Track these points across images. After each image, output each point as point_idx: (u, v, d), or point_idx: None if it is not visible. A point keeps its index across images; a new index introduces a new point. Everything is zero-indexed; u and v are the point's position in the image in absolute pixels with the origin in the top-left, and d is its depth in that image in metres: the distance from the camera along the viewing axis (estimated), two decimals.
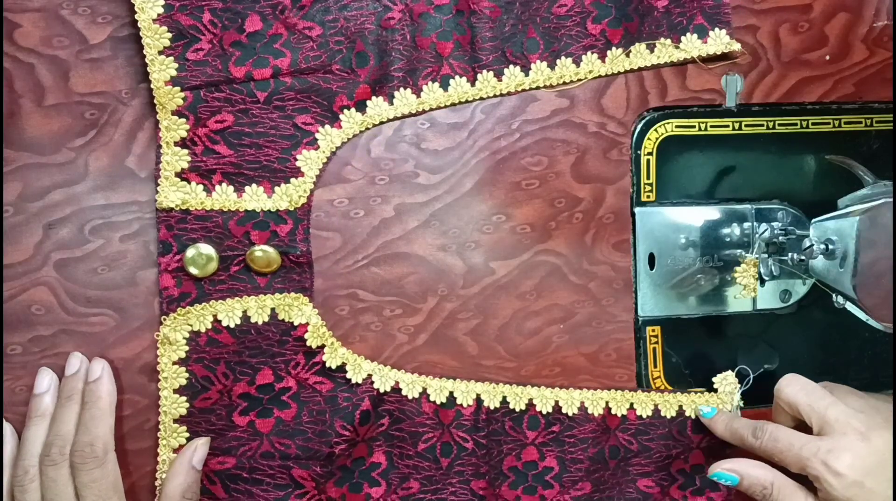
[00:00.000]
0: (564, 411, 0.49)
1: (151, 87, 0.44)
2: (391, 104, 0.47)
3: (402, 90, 0.47)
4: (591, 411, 0.50)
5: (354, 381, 0.47)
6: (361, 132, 0.47)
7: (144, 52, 0.43)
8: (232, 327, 0.45)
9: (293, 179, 0.46)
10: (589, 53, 0.49)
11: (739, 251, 0.52)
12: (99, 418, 0.43)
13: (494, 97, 0.48)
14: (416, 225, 0.48)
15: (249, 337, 0.46)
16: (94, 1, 0.44)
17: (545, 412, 0.49)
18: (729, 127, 0.51)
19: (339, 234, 0.47)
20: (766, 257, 0.51)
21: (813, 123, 0.52)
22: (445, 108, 0.48)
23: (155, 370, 0.45)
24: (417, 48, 0.47)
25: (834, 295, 0.49)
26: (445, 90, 0.47)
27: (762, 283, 0.52)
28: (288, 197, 0.46)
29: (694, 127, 0.51)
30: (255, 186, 0.46)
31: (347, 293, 0.48)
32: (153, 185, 0.45)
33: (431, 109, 0.48)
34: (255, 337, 0.46)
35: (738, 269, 0.52)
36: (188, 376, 0.45)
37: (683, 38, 0.50)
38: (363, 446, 0.48)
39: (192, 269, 0.45)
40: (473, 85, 0.48)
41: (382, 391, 0.47)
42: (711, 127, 0.51)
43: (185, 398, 0.45)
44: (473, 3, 0.47)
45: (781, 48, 0.51)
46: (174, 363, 0.45)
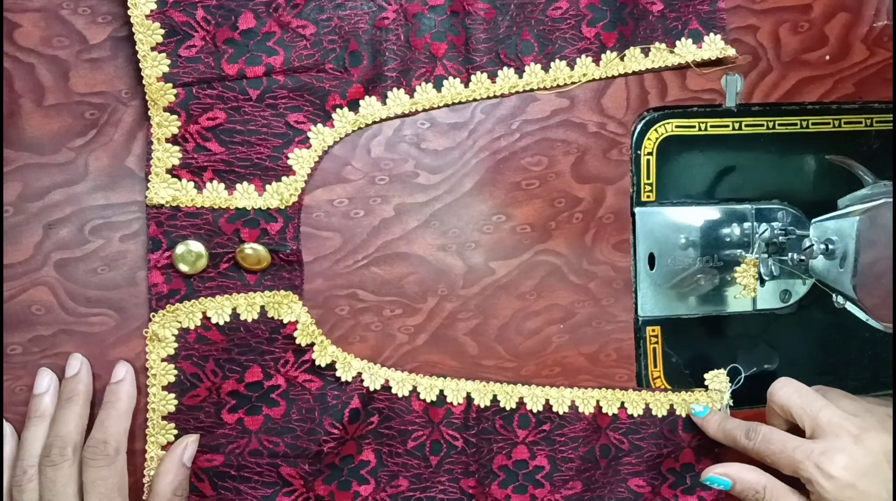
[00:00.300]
0: (555, 409, 0.49)
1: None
2: (384, 104, 0.47)
3: (395, 90, 0.47)
4: (581, 410, 0.50)
5: (344, 379, 0.47)
6: (357, 131, 0.47)
7: (136, 48, 0.43)
8: (221, 324, 0.45)
9: (284, 178, 0.46)
10: (583, 56, 0.49)
11: (739, 251, 0.52)
12: (115, 418, 0.43)
13: (489, 98, 0.48)
14: (416, 225, 0.48)
15: (239, 335, 0.46)
16: (94, 1, 0.44)
17: (536, 411, 0.49)
18: (729, 127, 0.51)
19: (339, 234, 0.47)
20: (766, 257, 0.51)
21: (813, 123, 0.52)
22: (442, 108, 0.48)
23: None
24: (411, 48, 0.47)
25: (834, 295, 0.49)
26: (439, 91, 0.47)
27: (762, 283, 0.52)
28: (279, 195, 0.46)
29: (694, 127, 0.51)
30: (246, 184, 0.45)
31: (347, 293, 0.48)
32: None
33: (424, 110, 0.47)
34: (244, 335, 0.46)
35: (738, 269, 0.52)
36: (177, 373, 0.45)
37: (678, 42, 0.50)
38: (352, 444, 0.47)
39: (181, 266, 0.45)
40: (467, 86, 0.48)
41: (372, 390, 0.47)
42: (711, 127, 0.51)
43: (173, 396, 0.45)
44: (468, 4, 0.47)
45: (781, 48, 0.51)
46: (163, 360, 0.45)
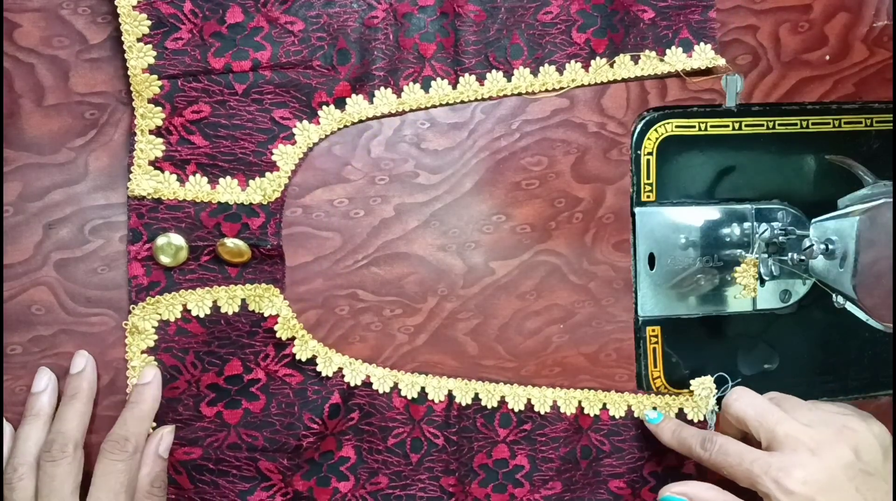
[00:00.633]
0: (537, 409, 0.49)
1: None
2: (371, 103, 0.47)
3: (382, 89, 0.47)
4: (563, 410, 0.50)
5: (324, 374, 0.47)
6: (349, 129, 0.47)
7: (122, 38, 0.43)
8: (202, 317, 0.45)
9: (268, 174, 0.46)
10: (573, 62, 0.49)
11: (739, 251, 0.52)
12: (139, 418, 0.43)
13: (477, 101, 0.48)
14: (416, 225, 0.48)
15: (219, 327, 0.46)
16: (94, 1, 0.44)
17: (517, 410, 0.49)
18: (729, 127, 0.51)
19: (339, 234, 0.47)
20: (766, 257, 0.51)
21: (813, 123, 0.52)
22: (442, 108, 0.48)
23: None
24: (400, 48, 0.47)
25: (834, 295, 0.49)
26: (427, 92, 0.47)
27: (762, 283, 0.52)
28: (262, 191, 0.46)
29: (694, 127, 0.51)
30: (229, 179, 0.45)
31: (347, 293, 0.47)
32: None
33: (412, 110, 0.47)
34: (224, 328, 0.46)
35: (738, 269, 0.52)
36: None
37: (668, 51, 0.50)
38: (332, 439, 0.47)
39: (162, 258, 0.45)
40: (455, 88, 0.48)
41: (353, 385, 0.47)
42: (711, 127, 0.51)
43: None
44: (458, 6, 0.47)
45: (781, 48, 0.51)
46: (142, 352, 0.45)
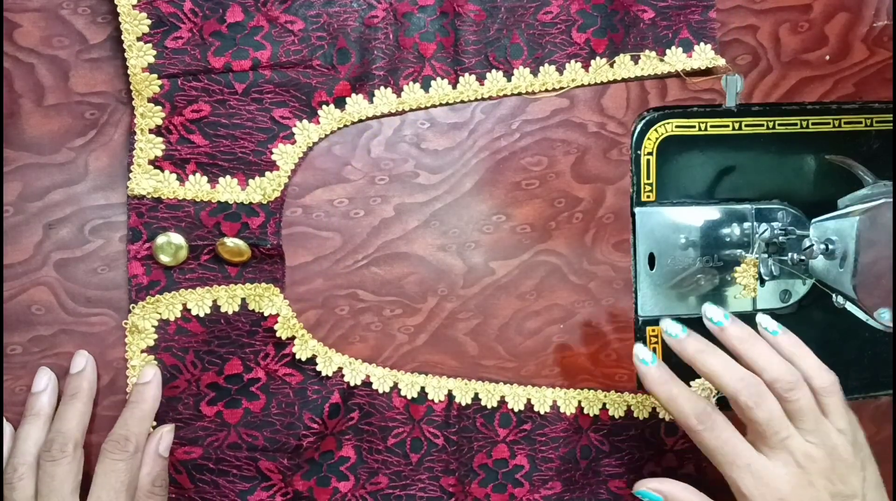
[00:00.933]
0: (536, 409, 0.49)
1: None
2: (371, 103, 0.47)
3: (382, 89, 0.47)
4: (563, 410, 0.50)
5: (324, 374, 0.47)
6: (349, 129, 0.47)
7: (122, 37, 0.43)
8: (201, 316, 0.45)
9: (268, 173, 0.46)
10: (573, 62, 0.49)
11: (739, 251, 0.52)
12: (139, 417, 0.43)
13: (477, 101, 0.48)
14: (416, 225, 0.48)
15: (219, 327, 0.46)
16: (93, 1, 0.44)
17: (517, 410, 0.49)
18: (729, 127, 0.51)
19: (339, 234, 0.47)
20: (766, 257, 0.51)
21: (813, 123, 0.52)
22: (442, 108, 0.48)
23: None
24: (400, 48, 0.47)
25: (834, 295, 0.49)
26: (426, 91, 0.47)
27: (762, 283, 0.52)
28: (262, 190, 0.46)
29: (694, 127, 0.51)
30: (229, 178, 0.45)
31: (347, 293, 0.47)
32: None
33: (411, 110, 0.47)
34: (224, 327, 0.46)
35: (738, 269, 0.52)
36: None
37: (668, 51, 0.50)
38: (332, 439, 0.47)
39: (162, 257, 0.45)
40: (455, 87, 0.48)
41: (353, 385, 0.47)
42: (711, 127, 0.51)
43: None
44: (458, 5, 0.47)
45: (781, 48, 0.51)
46: (142, 351, 0.45)
